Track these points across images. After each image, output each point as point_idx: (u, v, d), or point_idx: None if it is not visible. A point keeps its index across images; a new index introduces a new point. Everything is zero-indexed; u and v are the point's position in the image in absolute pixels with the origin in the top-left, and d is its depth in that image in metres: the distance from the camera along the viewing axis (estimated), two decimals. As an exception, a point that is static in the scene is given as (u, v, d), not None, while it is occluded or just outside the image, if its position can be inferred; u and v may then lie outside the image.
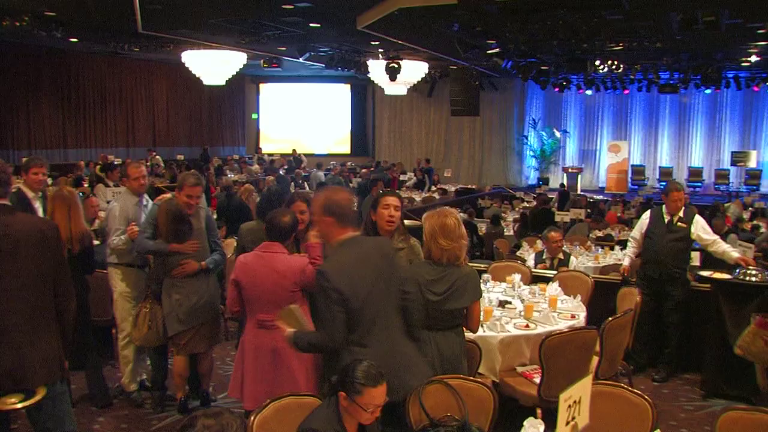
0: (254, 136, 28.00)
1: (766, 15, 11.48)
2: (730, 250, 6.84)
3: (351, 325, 3.76)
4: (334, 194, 3.96)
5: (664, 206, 7.19)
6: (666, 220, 7.10)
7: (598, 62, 16.76)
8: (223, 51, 15.44)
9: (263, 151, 26.78)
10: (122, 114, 22.99)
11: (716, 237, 7.11)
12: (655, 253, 7.05)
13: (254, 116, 27.87)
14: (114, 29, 15.20)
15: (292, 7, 11.59)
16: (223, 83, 16.33)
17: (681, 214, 7.06)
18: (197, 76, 15.61)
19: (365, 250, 3.95)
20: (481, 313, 4.71)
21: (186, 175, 6.02)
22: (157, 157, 21.68)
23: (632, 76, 20.83)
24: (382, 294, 3.89)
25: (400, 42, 14.80)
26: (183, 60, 15.16)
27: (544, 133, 25.65)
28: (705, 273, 6.86)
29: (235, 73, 15.85)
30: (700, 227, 7.01)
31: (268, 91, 27.65)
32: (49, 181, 14.41)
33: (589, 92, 23.62)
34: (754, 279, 6.10)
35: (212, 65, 15.24)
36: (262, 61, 19.13)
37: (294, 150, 25.69)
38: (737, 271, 6.52)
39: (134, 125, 23.40)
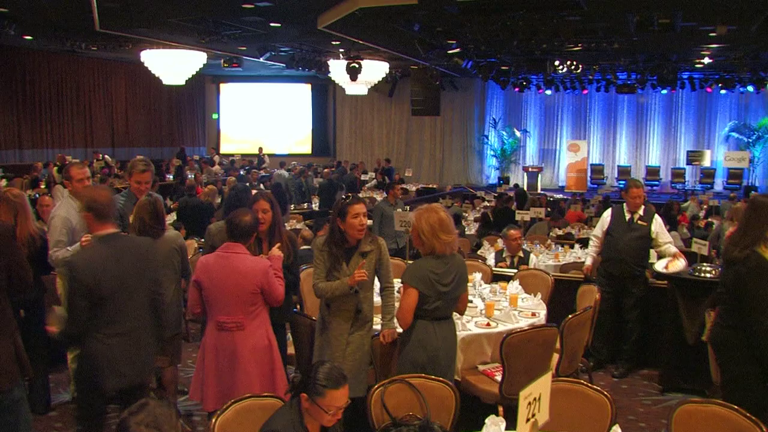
0: (215, 137, 27.79)
1: (717, 19, 11.70)
2: (670, 248, 7.01)
3: (96, 314, 4.05)
4: (95, 191, 4.39)
5: (624, 204, 7.30)
6: (627, 219, 7.20)
7: (557, 62, 16.92)
8: (182, 50, 15.30)
9: (223, 152, 26.57)
10: (80, 114, 22.60)
11: (671, 240, 7.23)
12: (616, 251, 7.14)
13: (215, 116, 27.67)
14: (70, 27, 14.96)
15: (252, 6, 11.53)
16: (183, 83, 16.18)
17: (641, 212, 7.16)
18: (156, 75, 15.44)
19: (120, 247, 4.21)
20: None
21: (135, 161, 5.96)
22: (106, 157, 21.34)
23: (591, 77, 21.09)
24: (131, 290, 4.18)
25: (360, 42, 14.80)
26: (142, 59, 14.98)
27: (504, 133, 25.83)
28: (659, 265, 6.94)
29: (195, 73, 15.71)
30: (659, 226, 7.13)
31: (228, 91, 27.45)
32: (4, 182, 14.22)
33: (548, 92, 23.85)
34: (708, 275, 6.21)
35: (172, 65, 15.07)
36: (222, 61, 19.01)
37: (260, 149, 25.61)
38: (693, 267, 6.64)
39: (92, 125, 23.04)
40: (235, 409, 3.59)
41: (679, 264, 6.68)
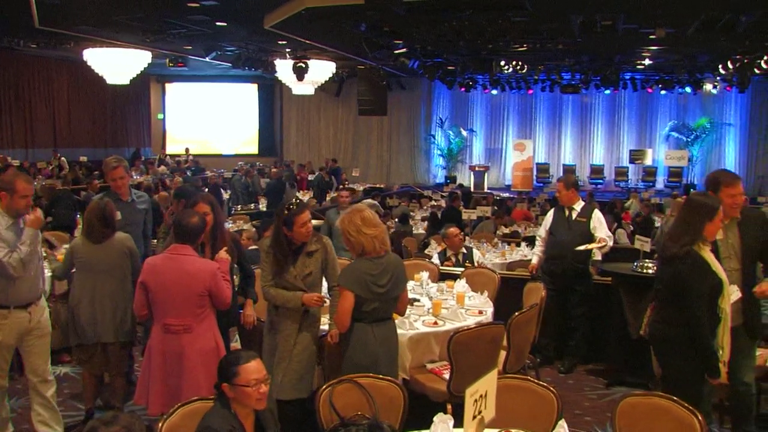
0: (160, 137, 27.41)
1: (656, 22, 11.97)
2: (598, 233, 7.13)
3: None
4: None
5: None
6: (566, 216, 7.30)
7: (503, 63, 17.09)
8: (126, 49, 15.04)
9: (169, 152, 26.26)
10: (19, 113, 21.91)
11: (610, 234, 7.34)
12: (558, 249, 7.23)
13: (160, 116, 27.29)
14: (8, 23, 14.56)
15: (197, 5, 11.39)
16: (127, 82, 15.90)
17: (578, 209, 7.26)
18: (100, 74, 15.16)
19: None
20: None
21: (107, 161, 5.89)
22: (63, 159, 20.93)
23: (536, 77, 21.36)
24: None
25: (307, 42, 14.75)
26: (85, 58, 14.69)
27: (451, 132, 25.99)
28: (581, 247, 7.03)
29: (139, 72, 15.47)
30: (597, 221, 7.21)
31: (173, 91, 27.12)
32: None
33: (494, 92, 24.07)
34: (650, 271, 6.33)
35: (116, 64, 14.78)
36: (167, 60, 18.76)
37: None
38: (635, 264, 6.77)
39: (33, 125, 22.41)
40: (182, 413, 3.55)
41: (594, 246, 6.85)
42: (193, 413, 3.55)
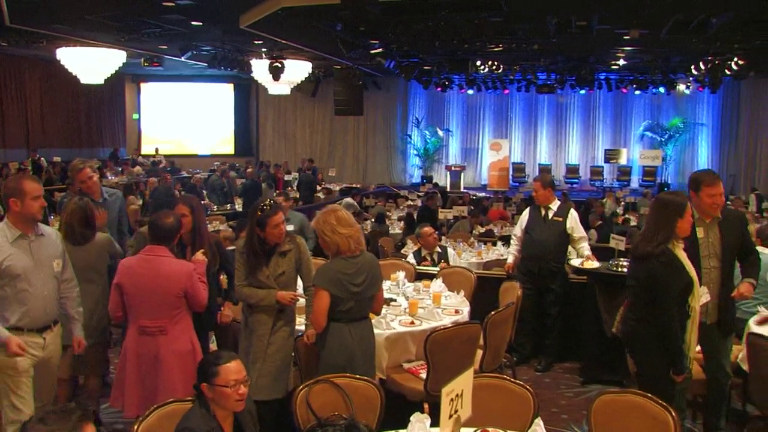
0: (135, 137, 27.18)
1: (630, 23, 12.09)
2: (584, 249, 7.20)
3: None
4: None
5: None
6: (542, 216, 7.35)
7: (479, 63, 17.15)
8: (101, 48, 14.90)
9: (144, 153, 26.06)
10: (-10, 113, 21.67)
11: (584, 235, 7.41)
12: (534, 248, 7.28)
13: (135, 116, 27.07)
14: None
15: (173, 4, 11.32)
16: (102, 82, 15.76)
17: (554, 208, 7.31)
18: (74, 74, 15.01)
19: None
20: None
21: (72, 165, 5.84)
22: (42, 159, 20.67)
23: (512, 77, 21.48)
24: None
25: (283, 41, 14.72)
26: (58, 57, 14.53)
27: (427, 132, 26.04)
28: (575, 262, 7.13)
29: (114, 72, 15.33)
30: (573, 221, 7.28)
31: (149, 91, 26.89)
32: None
33: (470, 92, 24.15)
34: (625, 270, 6.38)
35: (89, 63, 14.63)
36: (142, 60, 18.62)
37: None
38: (611, 262, 6.83)
39: (5, 125, 22.06)
40: (157, 414, 3.53)
41: (593, 264, 6.89)
42: (169, 415, 3.53)
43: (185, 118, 26.88)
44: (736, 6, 10.71)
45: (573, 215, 7.33)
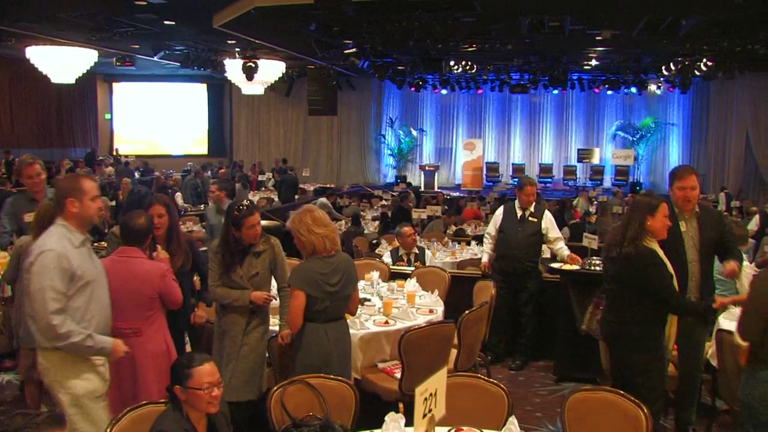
0: (107, 137, 26.92)
1: (602, 23, 12.20)
2: (563, 250, 7.24)
3: None
4: None
5: (516, 201, 7.48)
6: (518, 216, 7.39)
7: (452, 63, 17.20)
8: (72, 47, 14.74)
9: (116, 153, 25.82)
10: (-43, 112, 21.30)
11: (560, 235, 7.48)
12: (509, 248, 7.32)
13: (107, 116, 26.82)
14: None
15: (145, 3, 11.23)
16: (73, 81, 15.60)
17: (532, 209, 7.37)
18: (44, 73, 14.83)
19: None
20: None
21: (21, 159, 5.75)
22: (16, 160, 20.35)
23: (485, 77, 21.54)
24: None
25: (256, 41, 14.66)
26: (27, 56, 14.35)
27: (401, 132, 26.07)
28: (555, 265, 7.20)
29: (85, 71, 15.18)
30: (549, 222, 7.35)
31: (121, 91, 26.65)
32: None
33: (444, 92, 24.19)
34: (598, 268, 6.44)
35: (60, 62, 14.47)
36: (114, 60, 18.45)
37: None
38: (584, 261, 6.88)
39: (-27, 125, 21.84)
40: (131, 417, 3.50)
41: (575, 267, 6.94)
42: (143, 417, 3.51)
43: (158, 119, 26.68)
44: (704, 10, 10.88)
45: (548, 216, 7.40)
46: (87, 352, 3.88)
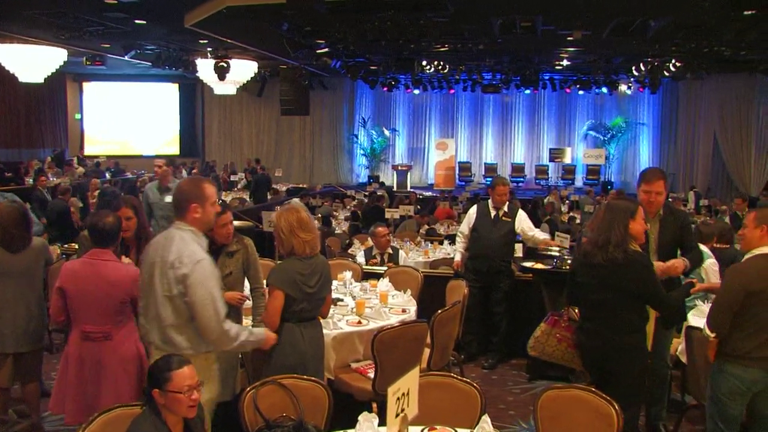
0: (78, 138, 26.64)
1: (573, 24, 12.30)
2: (539, 235, 7.33)
3: None
4: None
5: (489, 201, 7.51)
6: (492, 215, 7.42)
7: (424, 63, 17.24)
8: (40, 46, 14.54)
9: (87, 153, 25.55)
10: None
11: (536, 231, 7.53)
12: (482, 247, 7.35)
13: (77, 116, 26.53)
14: None
15: (115, 2, 11.13)
16: (42, 81, 15.39)
17: (505, 208, 7.40)
18: (12, 72, 14.62)
19: None
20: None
21: None
22: None
23: (457, 77, 21.61)
24: None
25: (228, 41, 14.59)
26: (-6, 55, 14.14)
27: (373, 132, 26.08)
28: (528, 264, 7.25)
29: (54, 71, 14.98)
30: (523, 220, 7.38)
31: (91, 90, 26.37)
32: None
33: (416, 92, 24.24)
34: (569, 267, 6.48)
35: (28, 61, 14.26)
36: (84, 59, 18.25)
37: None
38: (555, 261, 6.94)
39: (-62, 124, 21.45)
40: (102, 420, 3.46)
41: (564, 242, 7.04)
42: (114, 421, 3.47)
43: (129, 119, 26.45)
44: (672, 11, 11.01)
45: (522, 215, 7.44)
46: (250, 346, 4.06)
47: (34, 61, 14.29)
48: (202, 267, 3.81)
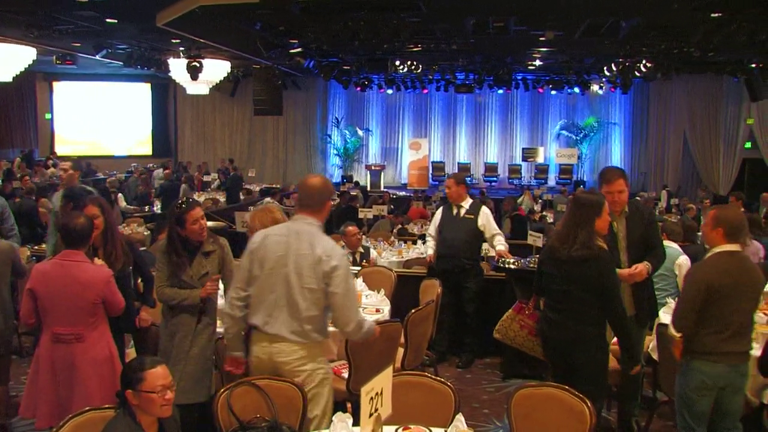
0: (48, 138, 26.32)
1: (545, 24, 12.39)
2: (497, 244, 7.34)
3: None
4: None
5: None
6: (454, 214, 7.44)
7: (398, 62, 17.25)
8: (8, 45, 14.33)
9: (58, 154, 25.25)
10: None
11: (498, 231, 7.52)
12: (448, 246, 7.35)
13: (48, 116, 26.21)
14: None
15: (86, 0, 11.03)
16: (10, 80, 15.19)
17: (467, 206, 7.40)
18: (-22, 71, 14.40)
19: None
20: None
21: None
22: None
23: (431, 76, 21.67)
24: None
25: (201, 40, 14.51)
26: (-40, 53, 13.91)
27: (347, 132, 26.05)
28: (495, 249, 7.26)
29: (23, 70, 14.78)
30: (485, 218, 7.38)
31: (62, 90, 26.07)
32: None
33: (390, 91, 24.24)
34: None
35: (-4, 60, 14.09)
36: (54, 58, 18.04)
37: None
38: (528, 258, 6.98)
39: None
40: (73, 424, 3.43)
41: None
42: (85, 424, 3.45)
43: (101, 119, 26.19)
44: (643, 13, 11.13)
45: (485, 212, 7.42)
46: (365, 336, 4.25)
47: (2, 60, 14.08)
48: (347, 260, 4.19)
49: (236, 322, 4.18)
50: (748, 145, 21.49)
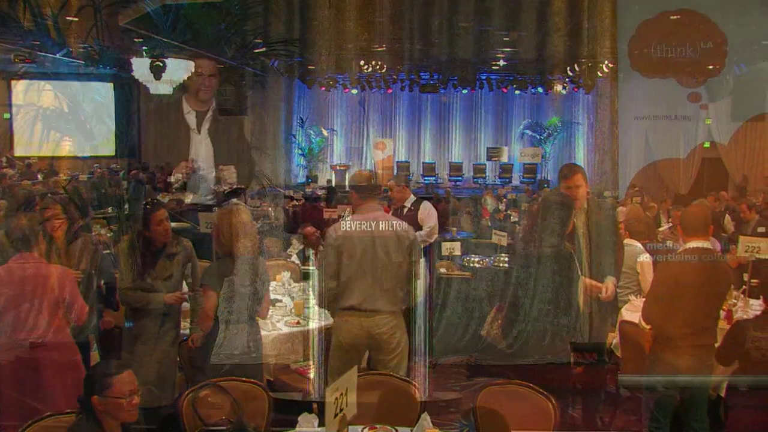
0: (6, 138, 25.86)
1: (509, 25, 12.47)
2: (424, 230, 7.48)
3: None
4: None
5: None
6: (400, 214, 7.54)
7: (362, 62, 17.23)
8: (-36, 44, 14.09)
9: (17, 155, 24.82)
10: None
11: (434, 223, 7.59)
12: None
13: (6, 116, 25.75)
14: None
15: (46, -3, 10.87)
16: (-34, 80, 14.94)
17: (410, 205, 7.52)
18: (-68, 70, 14.12)
19: None
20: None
21: None
22: None
23: (395, 77, 21.67)
24: None
25: (165, 40, 14.37)
26: None
27: (312, 132, 25.95)
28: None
29: (-20, 69, 14.55)
30: (424, 212, 7.53)
31: (21, 89, 25.64)
32: None
33: (354, 91, 24.20)
34: (507, 264, 6.57)
35: (-50, 59, 13.82)
36: (13, 56, 17.76)
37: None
38: (492, 257, 7.02)
39: None
40: (34, 429, 3.39)
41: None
42: (47, 429, 3.41)
43: (62, 119, 25.77)
44: (605, 15, 11.25)
45: (425, 207, 7.55)
46: None
47: (-43, 59, 13.83)
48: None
49: None
50: (706, 144, 21.80)
